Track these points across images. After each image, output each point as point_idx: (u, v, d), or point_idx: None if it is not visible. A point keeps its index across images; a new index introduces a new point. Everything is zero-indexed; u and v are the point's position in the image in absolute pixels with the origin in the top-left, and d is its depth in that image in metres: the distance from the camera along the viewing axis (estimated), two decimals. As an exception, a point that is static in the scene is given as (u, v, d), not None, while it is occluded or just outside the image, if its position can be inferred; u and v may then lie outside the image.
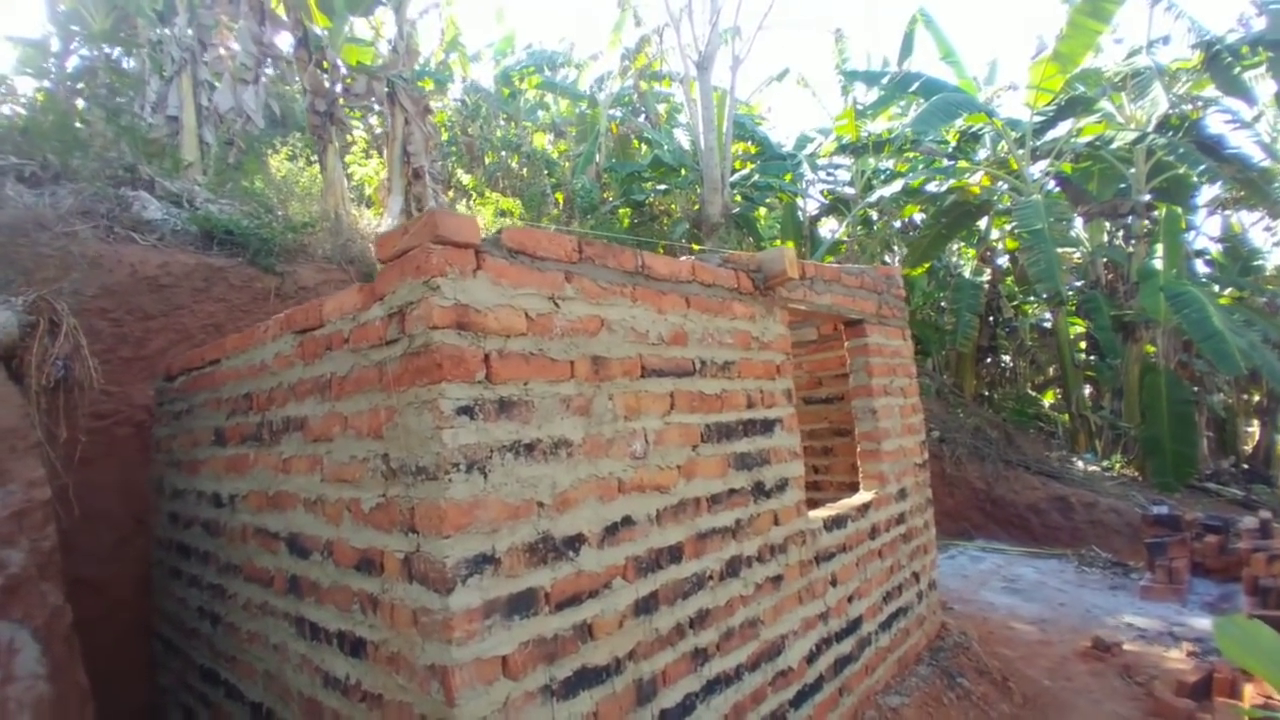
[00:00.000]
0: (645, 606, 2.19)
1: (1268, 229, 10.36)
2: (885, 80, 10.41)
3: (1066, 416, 13.43)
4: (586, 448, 2.09)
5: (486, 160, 13.88)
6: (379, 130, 10.47)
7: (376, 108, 10.58)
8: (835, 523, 3.43)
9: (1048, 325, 14.70)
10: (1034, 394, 15.46)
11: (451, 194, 10.05)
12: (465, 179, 10.35)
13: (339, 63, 5.71)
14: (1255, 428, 12.55)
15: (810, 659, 3.06)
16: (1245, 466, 10.98)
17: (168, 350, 3.93)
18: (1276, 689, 1.90)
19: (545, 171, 14.10)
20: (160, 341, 3.96)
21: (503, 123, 14.82)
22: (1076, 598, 5.79)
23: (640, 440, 2.29)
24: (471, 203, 9.04)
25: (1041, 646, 4.72)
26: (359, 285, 2.08)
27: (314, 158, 6.10)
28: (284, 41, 6.87)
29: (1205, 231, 12.42)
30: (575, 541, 2.00)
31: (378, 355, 1.95)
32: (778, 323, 3.21)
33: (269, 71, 7.42)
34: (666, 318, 2.51)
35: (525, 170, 14.75)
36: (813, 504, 4.61)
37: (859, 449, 4.13)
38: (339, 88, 5.73)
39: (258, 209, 4.78)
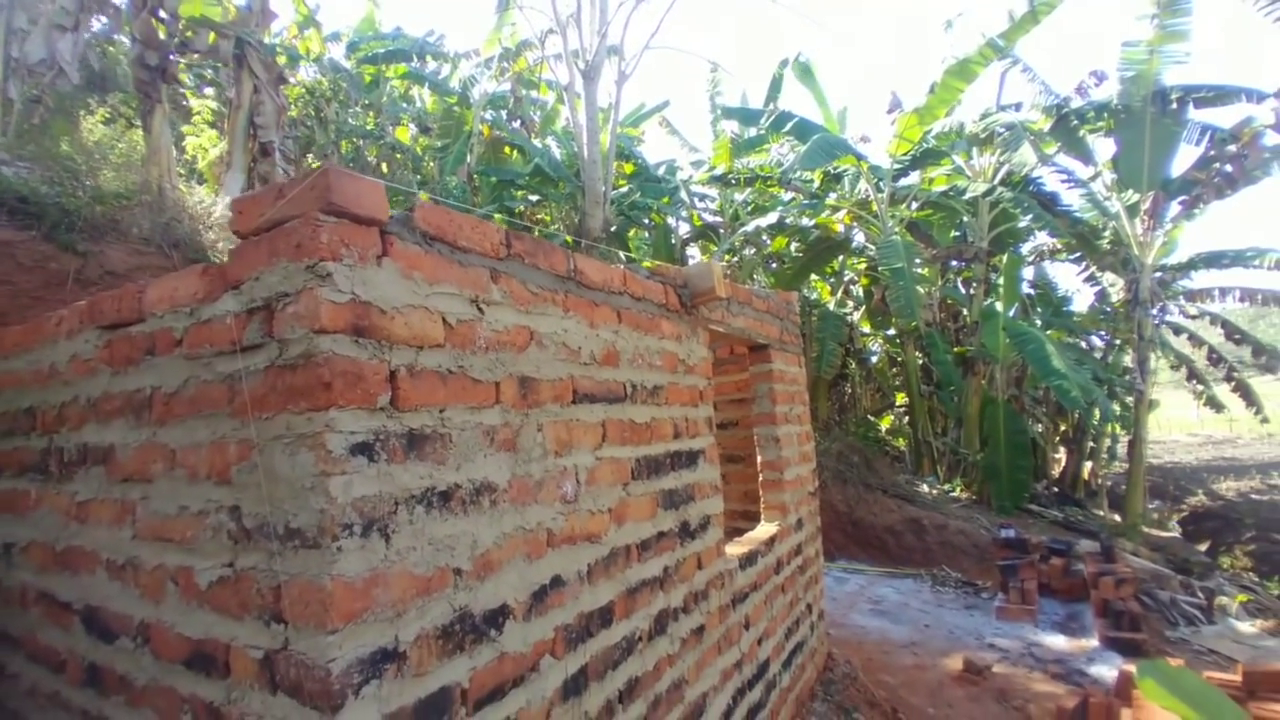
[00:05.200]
0: (574, 686, 1.79)
1: (1090, 279, 11.91)
2: (763, 120, 10.77)
3: (902, 441, 14.53)
4: (513, 493, 1.66)
5: (343, 148, 12.70)
6: (207, 97, 9.16)
7: (211, 71, 9.27)
8: (748, 560, 3.20)
9: (886, 358, 15.94)
10: (872, 419, 16.62)
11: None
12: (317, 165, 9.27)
13: (178, 13, 4.73)
14: (1063, 455, 14.36)
15: (728, 714, 2.78)
16: (1056, 490, 12.47)
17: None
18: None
19: (411, 167, 13.14)
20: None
21: (358, 110, 13.67)
22: (938, 619, 6.05)
23: (571, 480, 1.90)
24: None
25: (918, 671, 4.81)
26: (201, 267, 1.51)
27: (136, 121, 5.00)
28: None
29: (1024, 277, 14.09)
30: (498, 616, 1.56)
31: (227, 366, 1.41)
32: (701, 345, 2.94)
33: (102, 20, 6.11)
34: (599, 333, 2.14)
35: (384, 164, 13.66)
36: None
37: (761, 478, 3.97)
38: (176, 40, 4.74)
39: (61, 174, 3.76)
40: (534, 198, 14.95)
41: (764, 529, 3.70)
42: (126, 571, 1.58)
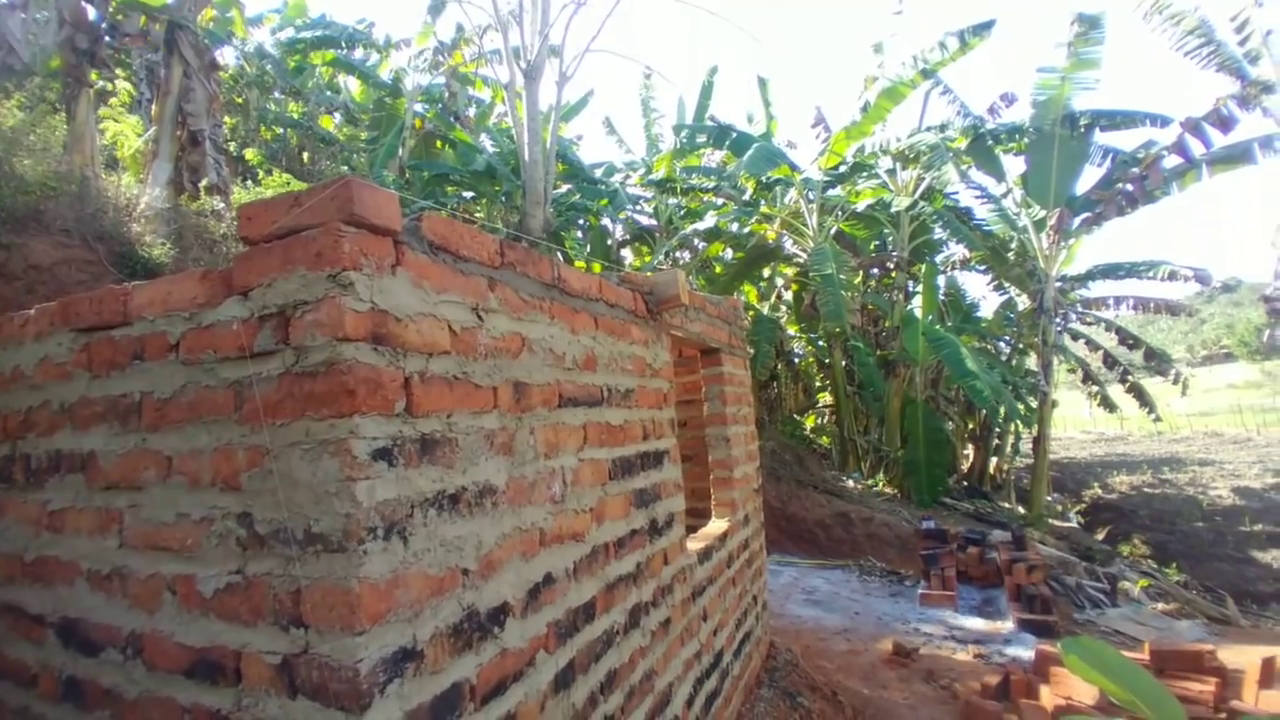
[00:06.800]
0: (564, 680, 1.86)
1: (998, 287, 12.80)
2: (705, 136, 11.13)
3: (826, 439, 15.16)
4: (510, 494, 1.72)
5: (266, 136, 12.13)
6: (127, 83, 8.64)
7: (120, 52, 8.72)
8: (705, 555, 3.33)
9: (812, 360, 16.55)
10: (797, 418, 17.23)
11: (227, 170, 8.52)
12: (246, 153, 8.84)
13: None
14: (971, 451, 15.35)
15: (689, 703, 2.90)
16: (965, 484, 13.33)
17: None
18: (1122, 701, 2.11)
19: (340, 159, 12.68)
20: None
21: (279, 96, 13.09)
22: (867, 606, 6.40)
23: (559, 481, 1.97)
24: (257, 182, 7.70)
25: (852, 656, 5.10)
26: (200, 271, 1.50)
27: (58, 106, 4.64)
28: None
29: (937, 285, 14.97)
30: (500, 614, 1.61)
31: (233, 372, 1.41)
32: (665, 349, 3.05)
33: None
34: (579, 338, 2.22)
35: (306, 154, 13.14)
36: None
37: (713, 477, 4.12)
38: (105, 24, 4.42)
39: (-20, 162, 3.49)
40: (467, 194, 14.71)
41: (716, 525, 3.85)
42: (113, 582, 1.54)
